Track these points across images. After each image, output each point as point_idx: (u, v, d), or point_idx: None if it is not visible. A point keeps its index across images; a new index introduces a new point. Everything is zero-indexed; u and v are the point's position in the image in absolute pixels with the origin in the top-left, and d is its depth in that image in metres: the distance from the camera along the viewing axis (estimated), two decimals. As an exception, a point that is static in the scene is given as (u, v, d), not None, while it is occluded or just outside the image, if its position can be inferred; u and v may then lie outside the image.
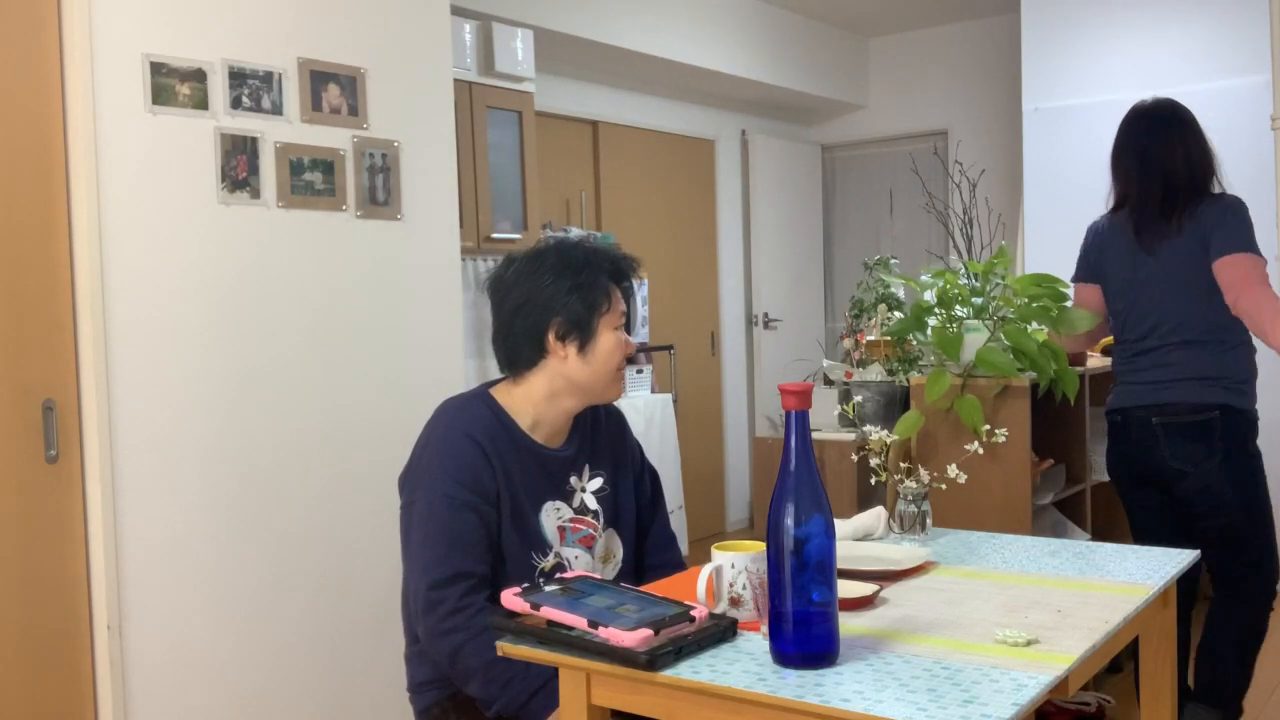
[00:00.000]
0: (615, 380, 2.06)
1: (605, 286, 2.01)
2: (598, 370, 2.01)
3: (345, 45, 3.04)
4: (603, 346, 2.01)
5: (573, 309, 1.99)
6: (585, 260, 2.01)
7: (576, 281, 1.99)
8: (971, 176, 3.73)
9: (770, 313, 6.86)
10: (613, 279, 2.03)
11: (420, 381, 3.17)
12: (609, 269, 2.03)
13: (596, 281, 2.00)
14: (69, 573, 2.54)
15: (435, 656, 1.93)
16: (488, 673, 1.84)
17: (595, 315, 1.99)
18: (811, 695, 1.38)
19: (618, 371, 2.05)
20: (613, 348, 2.02)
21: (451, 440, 1.96)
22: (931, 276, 3.12)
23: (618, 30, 5.12)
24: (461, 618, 1.86)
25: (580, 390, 2.03)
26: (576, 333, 1.99)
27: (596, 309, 1.99)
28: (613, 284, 2.03)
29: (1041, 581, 1.89)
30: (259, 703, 2.82)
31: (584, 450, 2.10)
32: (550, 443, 2.05)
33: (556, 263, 2.00)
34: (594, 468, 2.10)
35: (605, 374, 2.02)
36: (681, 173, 6.19)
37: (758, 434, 6.58)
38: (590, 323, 1.99)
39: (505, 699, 1.85)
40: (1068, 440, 3.26)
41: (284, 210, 2.90)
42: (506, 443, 1.98)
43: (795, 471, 1.48)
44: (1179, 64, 4.95)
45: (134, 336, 2.61)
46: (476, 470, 1.93)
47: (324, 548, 2.97)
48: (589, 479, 2.09)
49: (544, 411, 2.03)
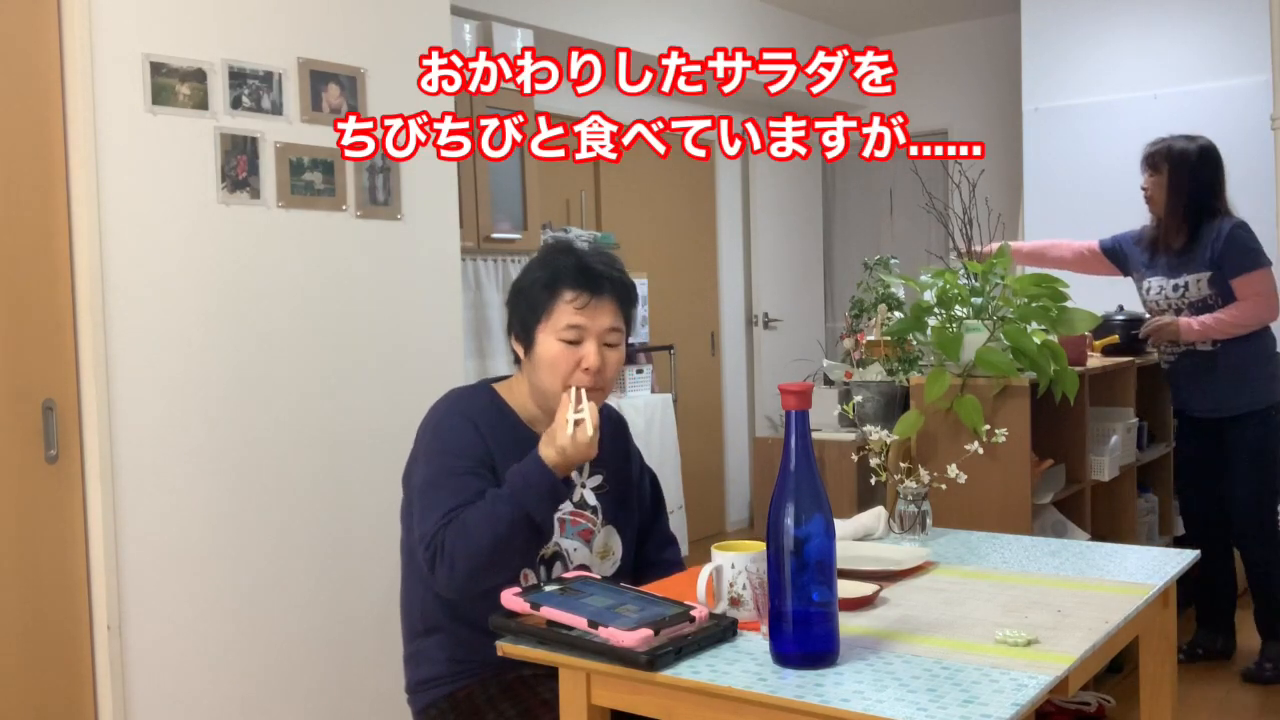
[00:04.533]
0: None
1: (545, 293, 1.94)
2: (543, 378, 1.96)
3: (345, 45, 3.04)
4: (541, 355, 1.95)
5: (518, 312, 1.99)
6: (546, 263, 1.98)
7: (524, 282, 1.98)
8: (971, 177, 3.72)
9: (770, 313, 6.86)
10: (566, 286, 1.93)
11: (420, 381, 3.17)
12: (564, 276, 1.94)
13: (538, 286, 1.95)
14: (69, 573, 2.54)
15: (466, 590, 1.84)
16: (497, 535, 1.78)
17: (534, 320, 1.96)
18: (811, 695, 1.38)
19: (568, 386, 1.91)
20: (552, 358, 1.93)
21: (448, 420, 1.97)
22: (931, 276, 3.12)
23: (618, 30, 5.12)
24: (451, 533, 1.81)
25: (540, 397, 2.00)
26: (523, 336, 1.99)
27: (535, 314, 1.95)
28: (560, 291, 1.93)
29: (1041, 581, 1.89)
30: (259, 702, 2.82)
31: None
32: None
33: (533, 263, 2.01)
34: (594, 465, 2.10)
35: (551, 384, 1.94)
36: (681, 172, 6.19)
37: (758, 434, 6.58)
38: (530, 328, 1.96)
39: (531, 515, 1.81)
40: (1068, 440, 3.26)
41: (284, 210, 2.90)
42: (505, 431, 1.99)
43: (795, 471, 1.48)
44: (1179, 64, 4.95)
45: (134, 336, 2.61)
46: (472, 444, 1.93)
47: (324, 548, 2.97)
48: (589, 476, 2.09)
49: (535, 408, 2.03)
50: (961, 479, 2.55)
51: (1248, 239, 3.57)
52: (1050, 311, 2.97)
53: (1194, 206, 3.63)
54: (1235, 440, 3.68)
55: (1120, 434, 3.48)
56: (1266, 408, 3.64)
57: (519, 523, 1.80)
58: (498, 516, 1.81)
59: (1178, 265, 3.66)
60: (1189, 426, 3.83)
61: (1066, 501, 3.24)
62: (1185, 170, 3.63)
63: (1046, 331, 2.99)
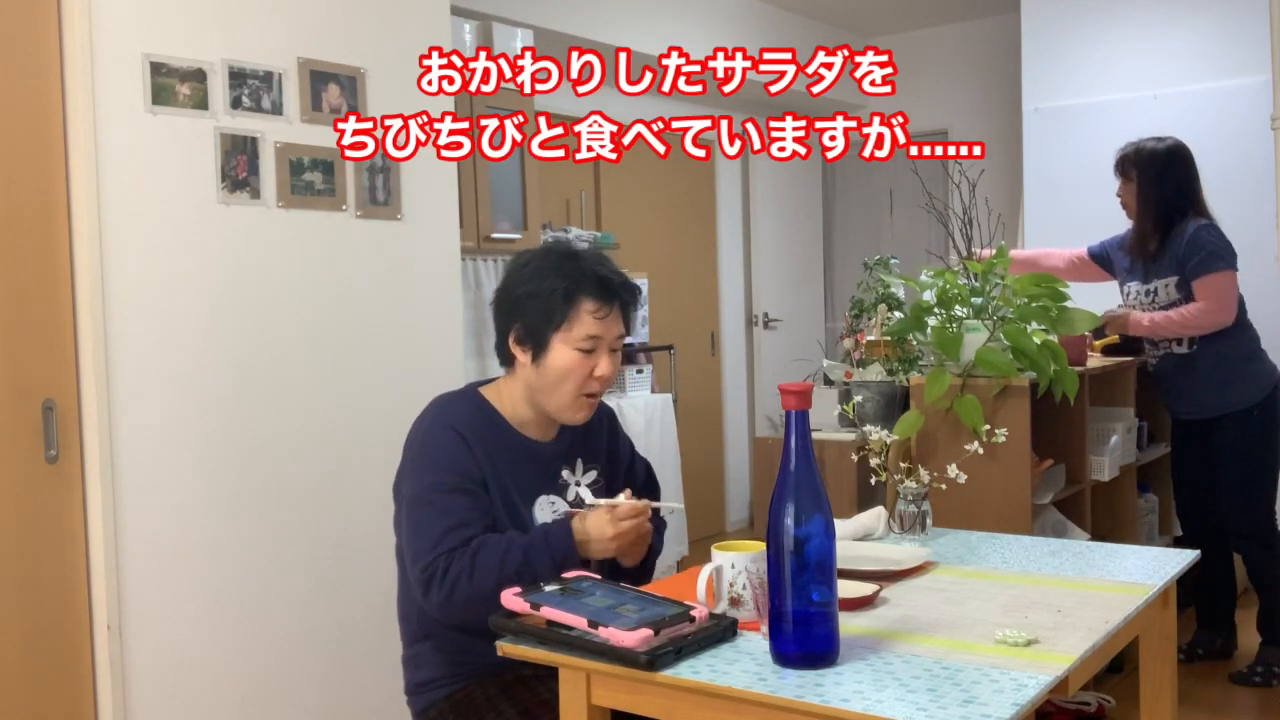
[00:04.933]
0: (573, 403, 1.97)
1: (565, 303, 1.93)
2: (549, 385, 1.96)
3: (345, 45, 3.03)
4: (554, 363, 1.95)
5: (530, 317, 1.96)
6: (561, 270, 1.95)
7: (541, 289, 1.94)
8: (971, 177, 3.72)
9: (770, 313, 6.86)
10: (588, 296, 1.93)
11: (420, 382, 3.16)
12: (585, 286, 1.94)
13: (557, 295, 1.93)
14: (69, 573, 2.54)
15: (456, 618, 1.87)
16: (501, 582, 1.75)
17: (550, 328, 1.94)
18: (811, 695, 1.38)
19: (578, 395, 1.96)
20: (567, 367, 1.94)
21: (434, 434, 1.96)
22: (931, 276, 3.12)
23: (618, 30, 5.12)
24: (456, 564, 1.83)
25: (539, 400, 1.99)
26: (531, 341, 1.97)
27: (551, 322, 1.94)
28: (581, 301, 1.93)
29: (1041, 581, 1.89)
30: (259, 702, 2.82)
31: (576, 444, 2.09)
32: (540, 437, 2.05)
33: (540, 266, 1.97)
34: (587, 462, 2.10)
35: (560, 393, 1.96)
36: (681, 172, 6.19)
37: (758, 434, 6.58)
38: (544, 335, 1.95)
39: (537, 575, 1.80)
40: (1068, 440, 3.26)
41: (284, 210, 2.90)
42: (494, 437, 1.98)
43: (795, 471, 1.48)
44: (1179, 64, 4.95)
45: (134, 336, 2.61)
46: (460, 458, 1.92)
47: (324, 548, 2.97)
48: (583, 473, 2.09)
49: (526, 409, 2.02)
50: (961, 479, 2.55)
51: (1210, 240, 3.49)
52: (1050, 311, 2.97)
53: (1165, 209, 3.58)
54: (1218, 443, 3.65)
55: (1120, 434, 3.48)
56: (1246, 410, 3.59)
57: (524, 576, 1.80)
58: (506, 564, 1.82)
59: (1151, 270, 3.64)
60: (1179, 428, 3.82)
61: (1066, 501, 3.24)
62: (1153, 173, 3.59)
63: (1046, 331, 2.99)
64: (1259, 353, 3.63)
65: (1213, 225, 3.54)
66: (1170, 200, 3.58)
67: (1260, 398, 3.58)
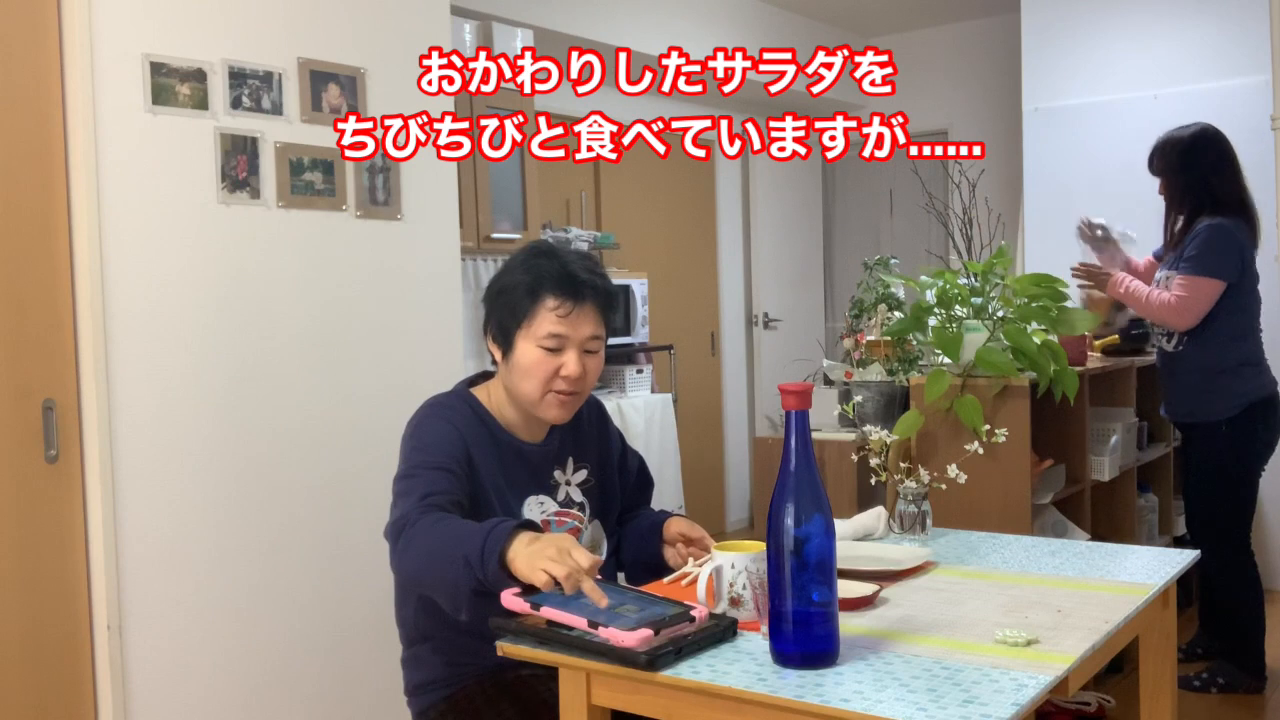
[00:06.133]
0: (541, 402, 1.94)
1: (528, 299, 1.91)
2: (516, 383, 1.95)
3: (345, 45, 3.03)
4: (519, 360, 1.93)
5: (500, 314, 1.96)
6: (528, 267, 1.94)
7: (508, 285, 1.95)
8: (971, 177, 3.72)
9: (770, 313, 6.86)
10: (549, 293, 1.91)
11: (420, 382, 3.16)
12: (547, 283, 1.91)
13: (520, 291, 1.92)
14: (69, 573, 2.54)
15: (407, 575, 1.79)
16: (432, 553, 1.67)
17: (514, 325, 1.94)
18: (811, 695, 1.38)
19: (544, 393, 1.93)
20: (529, 365, 1.92)
21: (425, 423, 1.96)
22: (931, 276, 3.12)
23: (618, 30, 5.12)
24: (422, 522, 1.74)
25: (514, 399, 1.99)
26: (501, 338, 1.97)
27: (515, 318, 1.93)
28: (543, 298, 1.91)
29: (1041, 581, 1.89)
30: (259, 702, 2.82)
31: (566, 443, 2.08)
32: (531, 438, 2.04)
33: (513, 263, 1.98)
34: (578, 461, 2.09)
35: (526, 390, 1.94)
36: (682, 172, 6.19)
37: (758, 434, 6.58)
38: (510, 332, 1.94)
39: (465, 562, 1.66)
40: (1068, 440, 3.26)
41: (284, 210, 2.90)
42: (485, 436, 1.97)
43: (795, 471, 1.48)
44: (1179, 64, 4.94)
45: (134, 336, 2.61)
46: (450, 440, 1.91)
47: (324, 548, 2.97)
48: (573, 472, 2.08)
49: (511, 410, 2.02)
50: (961, 479, 2.55)
51: (1211, 241, 3.38)
52: (1050, 311, 2.98)
53: (1189, 200, 3.49)
54: (1188, 449, 3.62)
55: (1120, 434, 3.47)
56: (1214, 423, 3.47)
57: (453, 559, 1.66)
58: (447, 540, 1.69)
59: (1171, 260, 3.54)
60: (1175, 427, 3.81)
61: (1066, 501, 3.24)
62: (1177, 163, 3.50)
63: (1046, 331, 2.99)
64: (1242, 369, 3.47)
65: (1223, 226, 3.40)
66: (1194, 190, 3.48)
67: (1231, 414, 3.45)
